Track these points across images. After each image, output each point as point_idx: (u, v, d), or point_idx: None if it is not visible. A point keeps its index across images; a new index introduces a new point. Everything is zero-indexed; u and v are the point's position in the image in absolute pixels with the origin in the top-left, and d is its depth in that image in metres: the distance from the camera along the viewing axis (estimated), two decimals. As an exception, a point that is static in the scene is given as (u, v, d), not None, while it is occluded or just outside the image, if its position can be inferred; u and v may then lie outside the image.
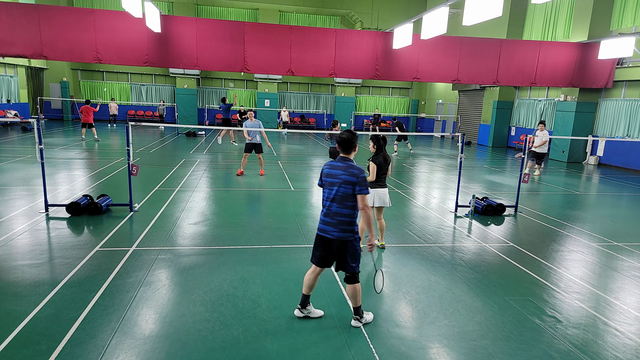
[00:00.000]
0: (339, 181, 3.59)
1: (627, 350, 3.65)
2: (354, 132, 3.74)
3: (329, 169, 3.68)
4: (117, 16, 13.19)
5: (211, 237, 6.13)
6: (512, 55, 15.22)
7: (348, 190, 3.56)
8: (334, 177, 3.61)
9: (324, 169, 3.74)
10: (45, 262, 5.00)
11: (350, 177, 3.55)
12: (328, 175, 3.67)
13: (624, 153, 15.39)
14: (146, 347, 3.40)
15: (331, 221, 3.64)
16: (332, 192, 3.63)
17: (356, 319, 3.84)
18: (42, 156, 6.68)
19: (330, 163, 3.72)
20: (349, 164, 3.62)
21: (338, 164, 3.66)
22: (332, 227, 3.64)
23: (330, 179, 3.64)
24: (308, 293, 3.90)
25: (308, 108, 29.83)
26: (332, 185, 3.63)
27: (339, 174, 3.59)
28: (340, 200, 3.60)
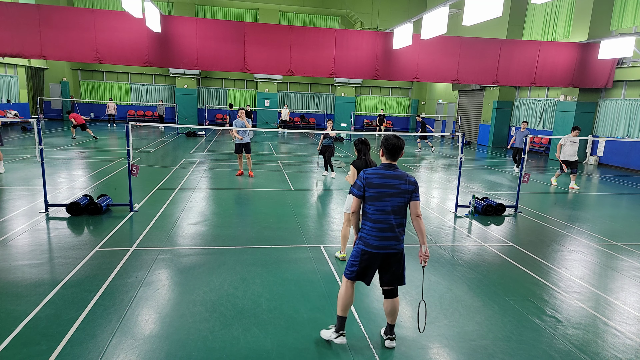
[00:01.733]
0: (398, 191, 3.31)
1: (627, 350, 3.65)
2: (400, 136, 3.46)
3: (380, 178, 3.32)
4: (117, 16, 13.19)
5: (211, 237, 6.13)
6: (512, 55, 15.22)
7: (406, 200, 3.35)
8: (391, 187, 3.30)
9: (370, 179, 3.33)
10: (45, 262, 5.00)
11: (409, 186, 3.33)
12: (381, 186, 3.30)
13: (624, 153, 15.39)
14: (146, 347, 3.40)
15: (393, 235, 3.35)
16: (389, 203, 3.31)
17: (392, 338, 3.56)
18: (42, 156, 6.68)
19: (379, 171, 3.35)
20: (403, 172, 3.38)
21: (390, 172, 3.34)
22: (395, 240, 3.36)
23: (385, 190, 3.30)
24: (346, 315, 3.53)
25: (308, 108, 29.82)
26: (389, 197, 3.30)
27: (397, 183, 3.31)
28: (399, 211, 3.35)
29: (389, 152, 3.40)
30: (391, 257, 3.41)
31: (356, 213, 3.42)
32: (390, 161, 3.42)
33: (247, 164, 10.74)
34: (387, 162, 3.42)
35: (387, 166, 3.40)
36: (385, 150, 3.43)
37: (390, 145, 3.39)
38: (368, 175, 3.35)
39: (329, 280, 4.79)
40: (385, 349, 3.52)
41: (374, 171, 3.38)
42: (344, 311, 3.49)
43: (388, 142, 3.40)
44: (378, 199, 3.32)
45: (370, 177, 3.34)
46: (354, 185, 3.41)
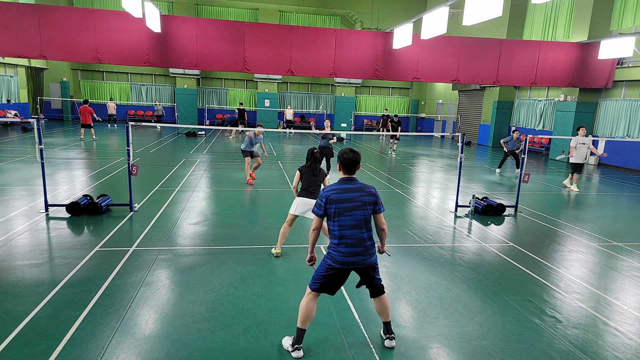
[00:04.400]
0: (359, 204, 3.28)
1: (627, 350, 3.65)
2: (355, 150, 3.42)
3: (338, 193, 3.27)
4: (117, 16, 13.19)
5: (211, 237, 6.13)
6: (512, 55, 15.22)
7: (369, 212, 3.33)
8: (351, 200, 3.27)
9: (328, 196, 3.27)
10: (45, 262, 5.00)
11: (370, 197, 3.33)
12: (341, 201, 3.26)
13: (624, 153, 15.39)
14: (146, 347, 3.40)
15: (360, 250, 3.28)
16: (353, 217, 3.26)
17: (391, 337, 3.52)
18: (42, 156, 6.68)
19: (335, 187, 3.32)
20: (362, 184, 3.37)
21: (348, 186, 3.31)
22: (363, 255, 3.29)
23: (346, 204, 3.26)
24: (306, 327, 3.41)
25: (308, 108, 29.82)
26: (351, 210, 3.26)
27: (356, 196, 3.28)
28: (365, 224, 3.31)
29: (345, 166, 3.37)
30: (360, 270, 3.37)
31: (316, 230, 3.39)
32: (348, 175, 3.38)
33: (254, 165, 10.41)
34: (344, 177, 3.39)
35: (344, 180, 3.36)
36: (341, 165, 3.39)
37: (346, 159, 3.35)
38: (327, 193, 3.30)
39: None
40: (385, 349, 3.52)
41: (332, 187, 3.33)
42: (303, 323, 3.37)
43: (344, 157, 3.36)
44: (340, 214, 3.27)
45: (329, 194, 3.29)
46: (315, 204, 3.38)
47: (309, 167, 5.35)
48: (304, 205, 5.31)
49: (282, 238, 5.47)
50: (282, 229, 5.48)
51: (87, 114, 16.47)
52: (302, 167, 5.42)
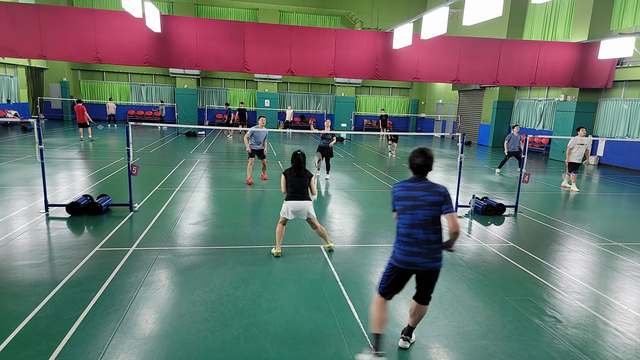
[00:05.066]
0: (422, 203, 3.15)
1: (627, 350, 3.65)
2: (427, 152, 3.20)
3: (404, 190, 3.21)
4: (117, 16, 13.19)
5: (211, 237, 6.13)
6: (512, 55, 15.21)
7: (436, 213, 3.16)
8: (414, 199, 3.16)
9: (395, 192, 3.26)
10: (45, 262, 5.00)
11: (437, 197, 3.14)
12: (404, 199, 3.19)
13: (624, 153, 15.39)
14: (146, 347, 3.40)
15: (420, 251, 3.17)
16: (414, 216, 3.16)
17: (406, 339, 3.51)
18: (42, 156, 6.68)
19: (403, 184, 3.26)
20: (431, 182, 3.22)
21: (415, 184, 3.21)
22: (423, 257, 3.18)
23: (408, 202, 3.17)
24: (383, 331, 3.27)
25: (308, 108, 29.81)
26: (412, 209, 3.16)
27: (421, 195, 3.16)
28: (427, 225, 3.16)
29: (415, 171, 3.25)
30: (420, 274, 3.25)
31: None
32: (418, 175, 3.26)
33: (262, 167, 10.55)
34: (414, 176, 3.28)
35: (413, 179, 3.27)
36: (411, 170, 3.27)
37: (416, 165, 3.21)
38: (395, 188, 3.29)
39: (329, 280, 4.79)
40: (385, 349, 3.51)
41: (400, 184, 3.29)
42: (378, 328, 3.25)
43: (413, 162, 3.21)
44: (402, 211, 3.21)
45: (395, 190, 3.28)
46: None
47: (293, 168, 5.41)
48: (294, 207, 5.34)
49: (279, 237, 5.48)
50: (278, 229, 5.49)
51: (81, 113, 16.47)
52: (286, 170, 5.49)
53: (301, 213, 5.42)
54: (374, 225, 7.07)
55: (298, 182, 5.39)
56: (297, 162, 5.40)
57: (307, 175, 5.44)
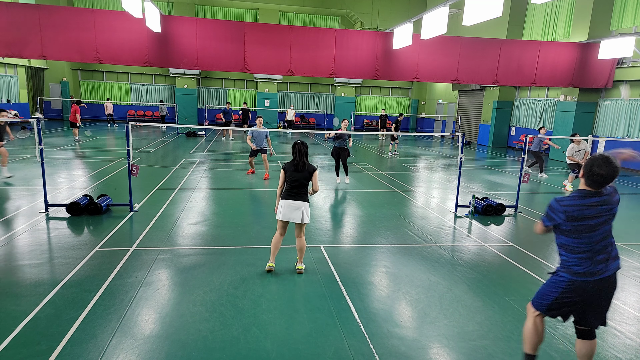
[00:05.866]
0: (609, 216, 2.83)
1: (627, 350, 3.65)
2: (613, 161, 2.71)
3: (581, 210, 2.78)
4: (117, 16, 13.19)
5: (211, 237, 6.13)
6: (512, 55, 15.22)
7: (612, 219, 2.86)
8: (598, 217, 2.79)
9: (569, 211, 2.79)
10: (45, 262, 5.00)
11: (617, 206, 2.86)
12: (584, 218, 2.78)
13: (624, 153, 15.36)
14: (146, 347, 3.40)
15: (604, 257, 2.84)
16: (598, 232, 2.81)
17: None
18: (42, 156, 6.68)
19: (577, 203, 2.80)
20: (608, 193, 2.82)
21: (594, 200, 2.78)
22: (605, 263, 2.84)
23: (590, 222, 2.78)
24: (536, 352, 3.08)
25: (308, 108, 29.82)
26: (596, 227, 2.80)
27: (607, 209, 2.80)
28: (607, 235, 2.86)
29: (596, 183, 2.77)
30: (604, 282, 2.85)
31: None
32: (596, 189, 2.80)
33: (264, 165, 10.68)
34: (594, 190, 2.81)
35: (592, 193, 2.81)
36: (590, 181, 2.78)
37: (598, 176, 2.72)
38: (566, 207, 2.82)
39: (329, 280, 4.79)
40: (384, 349, 3.52)
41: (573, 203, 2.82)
42: (535, 347, 3.04)
43: (594, 172, 2.72)
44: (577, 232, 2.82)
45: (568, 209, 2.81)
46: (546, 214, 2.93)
47: (292, 163, 4.77)
48: (288, 208, 4.74)
49: (274, 250, 4.92)
50: (274, 240, 4.93)
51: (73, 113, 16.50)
52: (286, 164, 4.85)
53: (294, 216, 4.74)
54: (374, 225, 7.07)
55: (296, 179, 4.74)
56: (298, 155, 4.76)
57: (307, 170, 4.76)
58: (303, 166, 4.74)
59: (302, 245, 4.91)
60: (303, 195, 4.78)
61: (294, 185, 4.75)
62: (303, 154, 4.75)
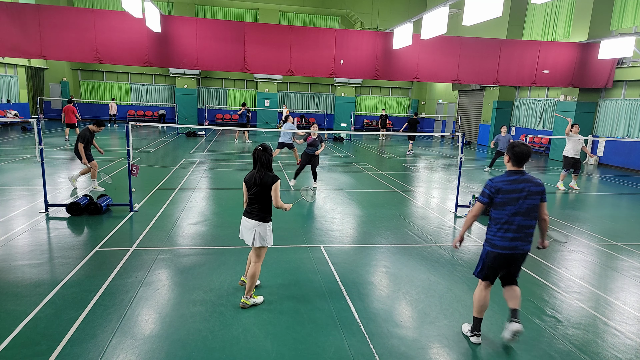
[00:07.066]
0: (526, 194, 3.44)
1: (627, 350, 3.65)
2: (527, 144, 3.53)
3: (507, 184, 3.46)
4: (117, 16, 13.19)
5: (211, 237, 6.13)
6: (512, 55, 15.22)
7: (535, 202, 3.46)
8: (519, 191, 3.44)
9: (499, 186, 3.47)
10: (45, 262, 5.00)
11: (538, 187, 3.46)
12: (509, 192, 3.45)
13: (624, 153, 15.39)
14: (146, 347, 3.40)
15: (519, 235, 3.49)
16: (519, 206, 3.44)
17: (517, 321, 3.55)
18: (42, 156, 6.68)
19: (505, 178, 3.49)
20: (529, 175, 3.51)
21: (517, 177, 3.47)
22: (522, 241, 3.51)
23: (513, 195, 3.44)
24: (482, 316, 3.69)
25: (308, 108, 29.82)
26: (517, 200, 3.44)
27: (525, 187, 3.45)
28: (526, 213, 3.46)
29: (517, 158, 3.48)
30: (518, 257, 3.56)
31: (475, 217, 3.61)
32: (517, 168, 3.50)
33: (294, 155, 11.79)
34: (516, 169, 3.51)
35: (514, 172, 3.50)
36: (513, 157, 3.50)
37: (518, 152, 3.47)
38: (496, 183, 3.49)
39: (329, 280, 4.79)
40: (384, 349, 3.52)
41: (501, 179, 3.50)
42: (479, 313, 3.66)
43: (515, 149, 3.47)
44: (503, 204, 3.47)
45: (497, 184, 3.48)
46: (481, 192, 3.56)
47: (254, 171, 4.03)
48: (242, 226, 4.14)
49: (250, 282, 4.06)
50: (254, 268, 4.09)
51: (71, 114, 16.28)
52: (247, 175, 4.10)
53: (247, 237, 4.07)
54: (374, 225, 7.07)
55: (252, 192, 3.99)
56: (255, 165, 4.02)
57: (264, 182, 3.95)
58: (262, 177, 3.94)
59: (252, 273, 4.05)
60: (259, 213, 4.01)
61: (250, 200, 4.04)
62: (263, 163, 3.97)
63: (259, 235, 4.03)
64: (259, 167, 3.98)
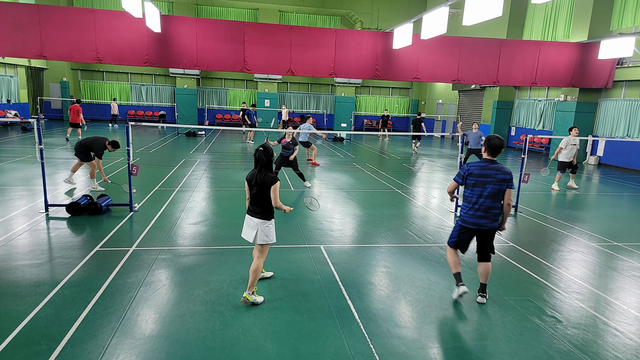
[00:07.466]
0: (494, 180, 4.10)
1: (627, 350, 3.65)
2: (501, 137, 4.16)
3: (480, 169, 4.15)
4: (117, 16, 13.19)
5: (211, 237, 6.13)
6: (512, 55, 15.22)
7: (502, 187, 4.12)
8: (487, 176, 4.12)
9: (472, 170, 4.17)
10: (45, 262, 5.00)
11: (504, 175, 4.12)
12: (480, 176, 4.14)
13: (624, 153, 15.39)
14: (146, 347, 3.40)
15: (485, 214, 4.17)
16: (487, 190, 4.12)
17: (483, 295, 4.30)
18: (42, 156, 6.68)
19: (478, 164, 4.17)
20: (499, 164, 4.17)
21: (488, 164, 4.15)
22: (487, 220, 4.18)
23: (482, 179, 4.13)
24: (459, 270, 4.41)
25: (308, 108, 29.82)
26: (485, 184, 4.12)
27: (494, 173, 4.12)
28: (493, 197, 4.13)
29: (492, 149, 4.16)
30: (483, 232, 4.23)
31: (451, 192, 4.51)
32: (491, 157, 4.20)
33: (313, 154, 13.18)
34: (490, 158, 4.21)
35: (488, 161, 4.20)
36: (488, 148, 4.19)
37: (494, 144, 4.15)
38: (471, 168, 4.19)
39: (329, 281, 4.79)
40: (384, 349, 3.52)
41: (476, 164, 4.20)
42: (455, 268, 4.41)
43: (491, 142, 4.16)
44: (474, 185, 4.17)
45: (471, 169, 4.19)
46: (457, 174, 4.33)
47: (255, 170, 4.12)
48: (245, 225, 4.25)
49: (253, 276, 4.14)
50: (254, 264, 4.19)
51: (75, 113, 16.39)
52: (249, 173, 4.19)
53: (248, 234, 4.20)
54: (374, 225, 7.07)
55: (253, 192, 4.11)
56: (256, 166, 4.11)
57: (264, 183, 4.04)
58: (263, 178, 4.03)
59: (255, 268, 4.15)
60: (261, 212, 4.11)
61: (252, 200, 4.16)
62: (264, 163, 4.06)
63: (262, 233, 4.14)
64: (260, 167, 4.07)
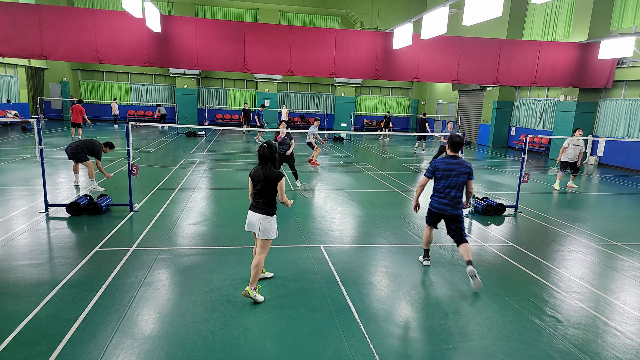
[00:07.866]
0: (456, 172, 4.80)
1: (627, 350, 3.65)
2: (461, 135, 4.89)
3: (445, 164, 4.83)
4: (117, 16, 13.19)
5: (211, 237, 6.13)
6: (512, 55, 15.21)
7: (464, 179, 4.82)
8: (451, 170, 4.82)
9: (438, 165, 4.84)
10: (45, 262, 5.00)
11: (466, 169, 4.84)
12: (445, 170, 4.83)
13: (624, 153, 15.39)
14: (146, 347, 3.40)
15: (449, 202, 4.87)
16: (451, 181, 4.82)
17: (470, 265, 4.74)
18: (42, 156, 6.68)
19: (444, 160, 4.86)
20: (461, 159, 4.86)
21: (452, 160, 4.84)
22: (450, 207, 4.88)
23: (447, 172, 4.82)
24: (429, 247, 5.33)
25: (308, 108, 29.82)
26: (449, 177, 4.81)
27: (457, 167, 4.82)
28: (458, 187, 4.84)
29: (453, 146, 4.85)
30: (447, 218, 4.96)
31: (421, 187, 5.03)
32: (455, 153, 4.88)
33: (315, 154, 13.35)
34: (452, 154, 4.87)
35: (451, 157, 4.87)
36: (450, 145, 4.84)
37: (455, 142, 4.84)
38: (437, 163, 4.86)
39: (329, 281, 4.79)
40: (384, 349, 3.52)
41: (441, 160, 4.87)
42: (427, 244, 5.32)
43: (453, 140, 4.84)
44: (441, 178, 4.85)
45: (437, 164, 4.86)
46: (427, 169, 4.97)
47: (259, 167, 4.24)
48: (248, 219, 4.29)
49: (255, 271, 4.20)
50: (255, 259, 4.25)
51: (78, 113, 16.46)
52: (252, 170, 4.31)
53: (252, 229, 4.26)
54: (374, 225, 7.07)
55: (258, 187, 4.20)
56: (260, 161, 4.23)
57: (269, 178, 4.14)
58: (268, 174, 4.13)
59: (257, 262, 4.20)
60: (264, 207, 4.19)
61: (255, 195, 4.23)
62: (268, 159, 4.16)
63: (263, 228, 4.21)
64: (264, 163, 4.21)
